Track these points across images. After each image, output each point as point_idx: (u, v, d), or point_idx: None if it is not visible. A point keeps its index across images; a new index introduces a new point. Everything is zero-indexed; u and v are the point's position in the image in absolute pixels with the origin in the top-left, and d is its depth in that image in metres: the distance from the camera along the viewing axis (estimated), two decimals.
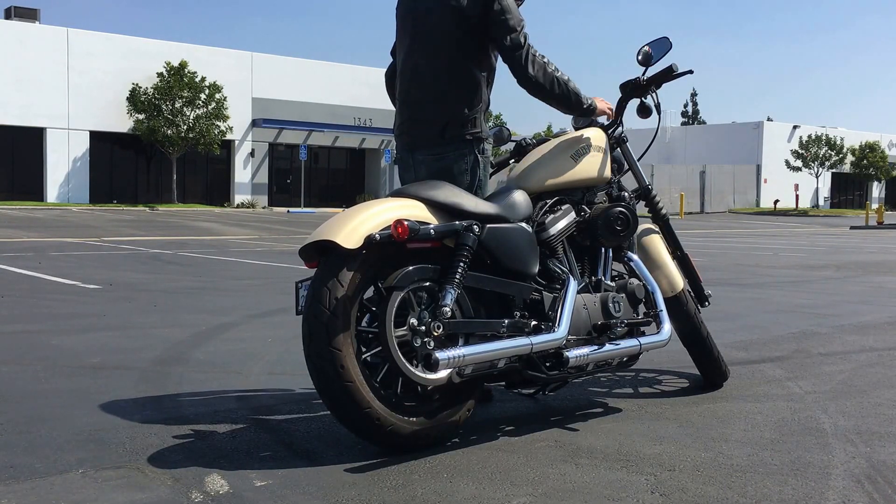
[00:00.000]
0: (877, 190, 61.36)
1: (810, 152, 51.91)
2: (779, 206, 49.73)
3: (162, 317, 5.67)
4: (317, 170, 40.00)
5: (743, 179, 52.14)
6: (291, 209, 34.05)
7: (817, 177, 53.36)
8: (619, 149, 3.63)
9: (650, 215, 3.76)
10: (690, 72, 3.62)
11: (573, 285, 3.06)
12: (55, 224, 19.22)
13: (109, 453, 2.68)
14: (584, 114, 3.38)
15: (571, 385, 3.70)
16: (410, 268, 2.72)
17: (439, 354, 2.59)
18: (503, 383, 3.11)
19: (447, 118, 3.12)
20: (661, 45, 3.55)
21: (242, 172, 36.91)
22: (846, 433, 3.02)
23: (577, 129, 3.58)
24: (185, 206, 32.99)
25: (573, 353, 2.95)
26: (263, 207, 35.84)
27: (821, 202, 56.43)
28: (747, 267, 10.66)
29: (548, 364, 2.95)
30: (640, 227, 3.54)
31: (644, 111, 3.65)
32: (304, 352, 2.62)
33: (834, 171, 55.55)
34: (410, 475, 2.52)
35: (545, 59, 3.17)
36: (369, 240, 2.61)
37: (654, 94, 3.65)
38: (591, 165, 3.38)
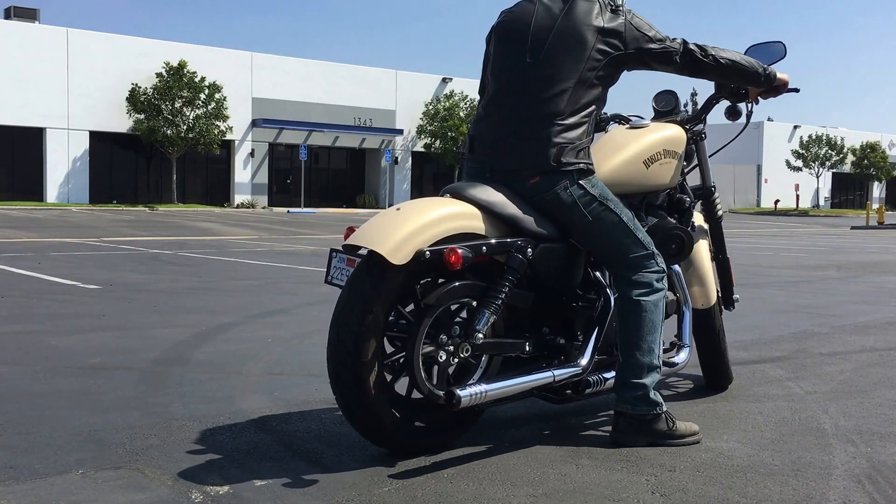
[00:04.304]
0: (877, 190, 61.39)
1: (811, 152, 51.97)
2: (779, 206, 49.77)
3: (162, 317, 5.66)
4: (317, 170, 40.02)
5: (743, 179, 52.16)
6: (291, 209, 34.06)
7: (818, 177, 53.40)
8: (694, 146, 3.42)
9: (704, 213, 3.59)
10: (797, 90, 3.35)
11: (609, 307, 2.92)
12: (55, 224, 19.22)
13: (109, 454, 2.68)
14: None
15: None
16: (456, 284, 2.61)
17: (462, 393, 2.51)
18: None
19: None
20: (773, 51, 3.36)
21: (242, 172, 36.93)
22: (847, 433, 3.02)
23: (655, 118, 3.34)
24: (185, 206, 33.00)
25: (592, 379, 2.89)
26: (263, 207, 35.86)
27: (821, 202, 56.47)
28: (748, 267, 10.65)
29: (567, 391, 2.90)
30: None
31: (733, 114, 3.43)
32: (327, 354, 2.57)
33: (834, 171, 55.61)
34: (411, 476, 2.51)
35: None
36: (418, 256, 2.50)
37: (750, 102, 3.38)
38: (665, 173, 3.13)
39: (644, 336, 2.81)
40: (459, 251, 2.51)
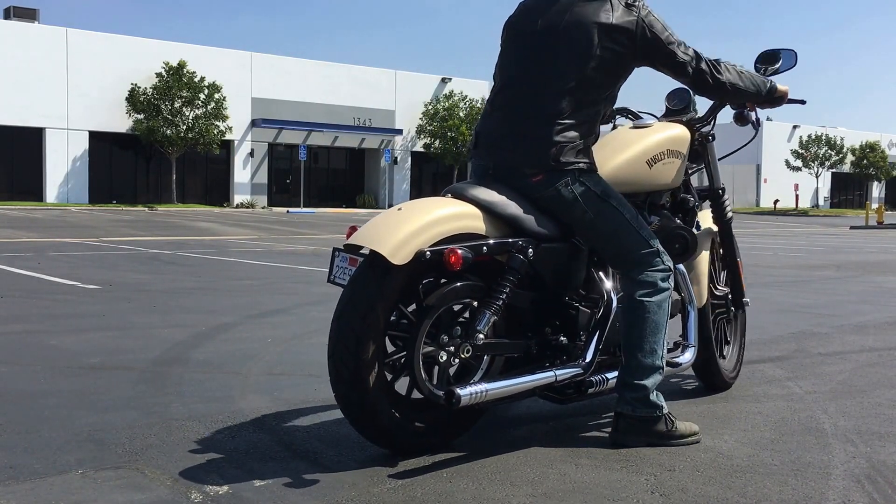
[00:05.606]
0: (877, 190, 61.44)
1: (810, 152, 52.01)
2: (779, 205, 49.78)
3: (161, 317, 5.66)
4: (316, 170, 40.04)
5: (743, 179, 52.17)
6: (291, 209, 34.07)
7: (817, 177, 53.43)
8: (701, 147, 3.40)
9: (713, 215, 3.58)
10: (803, 102, 3.38)
11: (612, 307, 2.91)
12: (54, 224, 19.21)
13: (109, 454, 2.68)
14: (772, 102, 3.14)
15: None
16: (457, 284, 2.62)
17: (462, 392, 2.50)
18: None
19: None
20: (784, 59, 3.35)
21: (242, 172, 36.93)
22: (846, 433, 3.02)
23: (666, 115, 3.33)
24: (185, 206, 33.01)
25: (595, 379, 2.88)
26: (263, 207, 35.86)
27: (821, 202, 56.51)
28: (747, 267, 10.63)
29: (569, 391, 2.89)
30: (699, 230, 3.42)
31: (740, 119, 3.45)
32: (328, 353, 2.57)
33: (834, 170, 55.64)
34: (410, 475, 2.51)
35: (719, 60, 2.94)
36: (419, 256, 2.50)
37: (750, 110, 3.41)
38: (667, 173, 3.12)
39: (647, 337, 2.80)
40: (459, 251, 2.50)
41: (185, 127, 32.73)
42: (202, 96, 33.17)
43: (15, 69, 31.03)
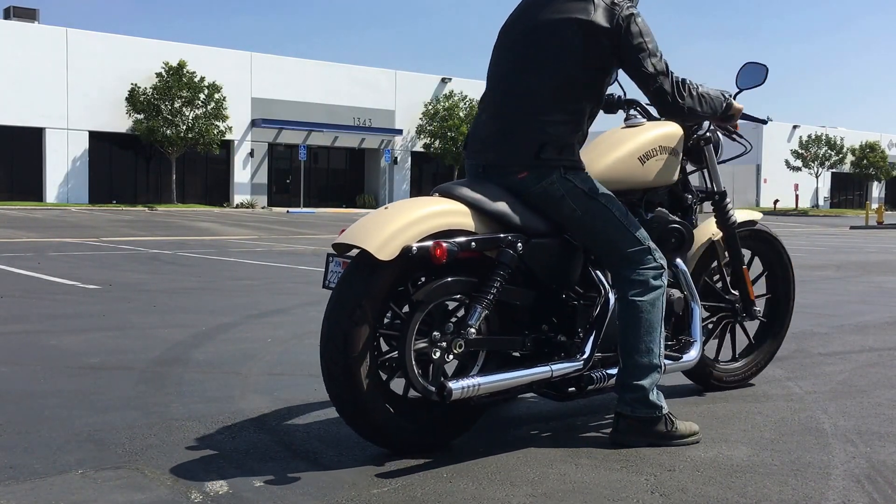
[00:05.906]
0: (877, 190, 61.43)
1: (810, 152, 52.01)
2: (779, 205, 49.76)
3: (161, 317, 5.66)
4: (316, 170, 40.04)
5: (743, 179, 52.14)
6: (291, 209, 34.07)
7: (817, 177, 53.43)
8: (697, 148, 3.41)
9: (717, 220, 3.56)
10: (764, 121, 3.47)
11: (609, 304, 2.91)
12: (54, 224, 19.21)
13: (109, 454, 2.68)
14: (725, 119, 3.14)
15: None
16: (448, 279, 2.62)
17: (453, 386, 2.51)
18: None
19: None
20: (756, 75, 3.40)
21: (242, 172, 36.93)
22: (846, 433, 3.02)
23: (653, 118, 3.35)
24: (185, 206, 33.00)
25: (595, 375, 2.87)
26: (263, 207, 35.86)
27: (821, 202, 56.51)
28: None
29: (570, 388, 2.89)
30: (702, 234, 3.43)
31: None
32: (320, 351, 2.60)
33: (834, 170, 55.63)
34: (410, 475, 2.51)
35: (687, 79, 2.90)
36: (405, 251, 2.52)
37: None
38: (659, 169, 3.13)
39: (641, 337, 2.80)
40: (445, 245, 2.53)
41: (185, 127, 32.73)
42: (202, 96, 33.17)
43: (15, 69, 31.03)
